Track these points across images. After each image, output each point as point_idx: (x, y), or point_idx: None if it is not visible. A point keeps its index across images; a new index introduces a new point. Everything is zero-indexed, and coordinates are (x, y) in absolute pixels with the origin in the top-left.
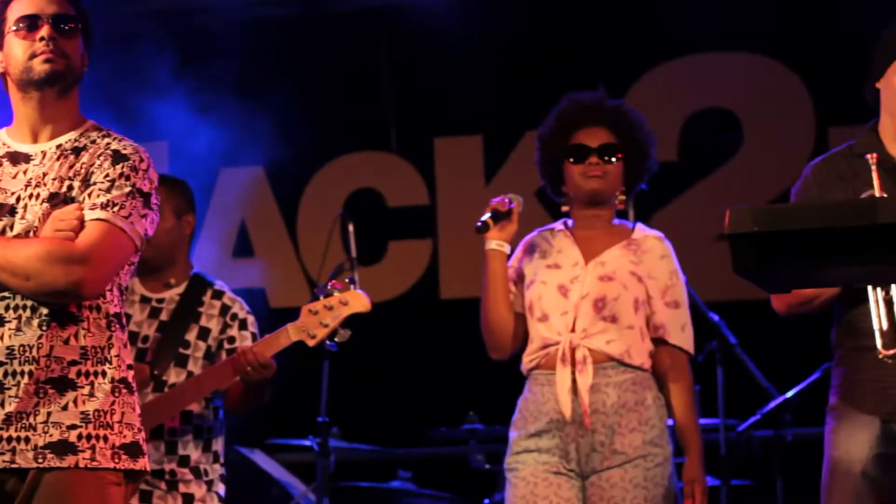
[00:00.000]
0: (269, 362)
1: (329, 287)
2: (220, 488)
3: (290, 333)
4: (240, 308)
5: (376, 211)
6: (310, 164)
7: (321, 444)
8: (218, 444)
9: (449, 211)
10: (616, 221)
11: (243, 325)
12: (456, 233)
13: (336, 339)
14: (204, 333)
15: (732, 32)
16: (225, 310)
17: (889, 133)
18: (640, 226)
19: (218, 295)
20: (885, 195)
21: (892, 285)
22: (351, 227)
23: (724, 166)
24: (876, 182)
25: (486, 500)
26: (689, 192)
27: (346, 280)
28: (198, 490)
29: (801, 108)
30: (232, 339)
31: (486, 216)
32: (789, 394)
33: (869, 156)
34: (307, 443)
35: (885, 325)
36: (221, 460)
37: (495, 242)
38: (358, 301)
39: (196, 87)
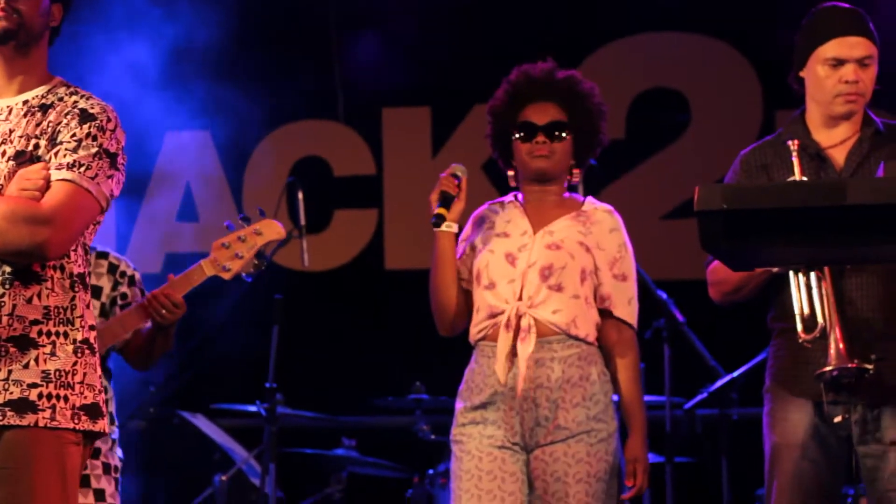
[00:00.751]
0: (182, 302)
1: (239, 220)
2: (119, 450)
3: (205, 269)
4: (126, 266)
5: (322, 179)
6: (257, 130)
7: (269, 410)
8: (112, 406)
9: (395, 181)
10: (567, 195)
11: (132, 281)
12: (402, 203)
13: (252, 271)
14: (96, 292)
15: (681, 13)
16: (113, 268)
17: (814, 120)
18: (590, 199)
19: (103, 255)
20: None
21: (812, 272)
22: (300, 195)
23: (671, 146)
24: (797, 168)
25: (431, 471)
26: (635, 170)
27: (257, 211)
28: (103, 445)
29: (749, 90)
30: (124, 296)
31: (438, 206)
32: (736, 373)
33: (790, 142)
34: (252, 408)
35: (805, 310)
36: (116, 422)
37: (445, 224)
38: (272, 229)
39: (143, 50)
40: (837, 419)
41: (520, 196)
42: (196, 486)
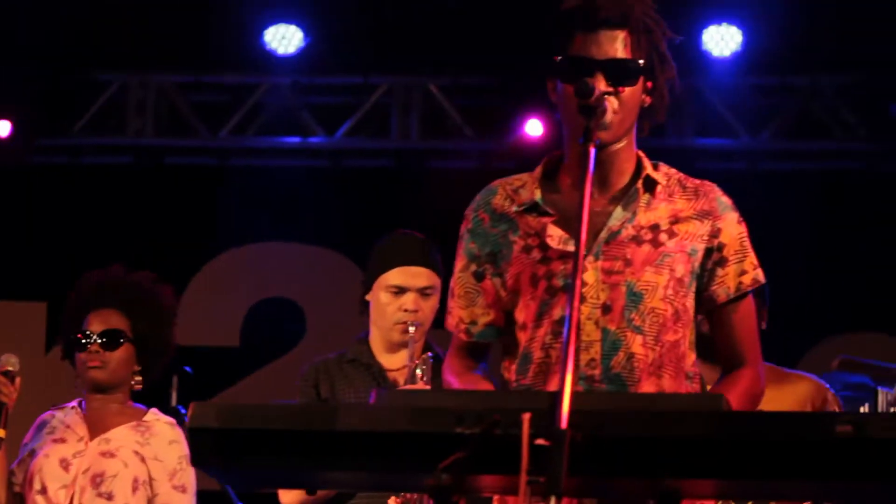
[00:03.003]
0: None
1: None
2: None
3: None
4: None
5: None
6: None
7: None
8: None
9: None
10: (131, 403)
11: None
12: None
13: None
14: None
15: (294, 224)
16: None
17: (377, 343)
18: (153, 410)
19: None
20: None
21: None
22: None
23: (285, 355)
24: (413, 352)
25: None
26: (249, 378)
27: None
28: None
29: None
30: None
31: None
32: None
33: (412, 329)
34: None
35: None
36: None
37: None
38: None
39: None
40: None
41: (83, 402)
42: None
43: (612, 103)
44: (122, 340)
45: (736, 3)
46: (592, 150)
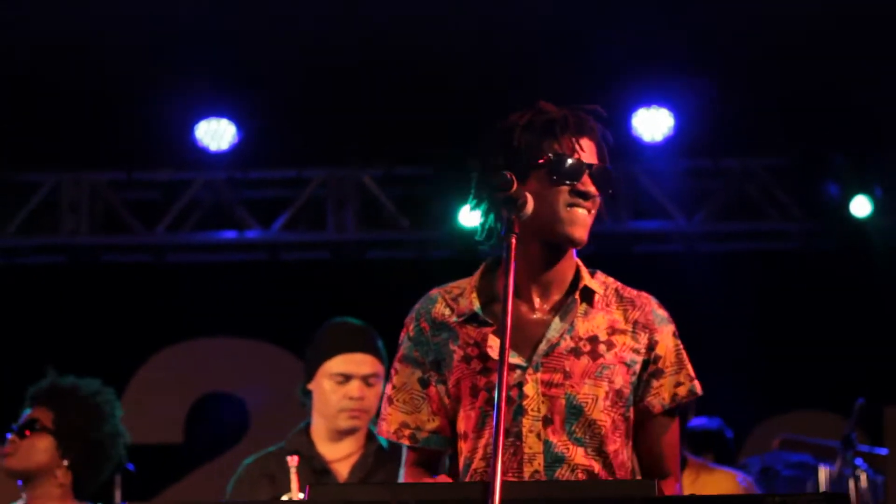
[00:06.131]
0: None
1: None
2: None
3: None
4: None
5: None
6: None
7: None
8: None
9: None
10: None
11: None
12: None
13: None
14: None
15: (233, 319)
16: None
17: (320, 433)
18: None
19: None
20: (301, 495)
21: None
22: None
23: (230, 450)
24: (294, 483)
25: None
26: (194, 474)
27: None
28: None
29: None
30: None
31: None
32: None
33: (290, 458)
34: None
35: None
36: None
37: None
38: None
39: None
40: None
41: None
42: None
43: (590, 207)
44: (36, 428)
45: (664, 87)
46: (514, 242)
